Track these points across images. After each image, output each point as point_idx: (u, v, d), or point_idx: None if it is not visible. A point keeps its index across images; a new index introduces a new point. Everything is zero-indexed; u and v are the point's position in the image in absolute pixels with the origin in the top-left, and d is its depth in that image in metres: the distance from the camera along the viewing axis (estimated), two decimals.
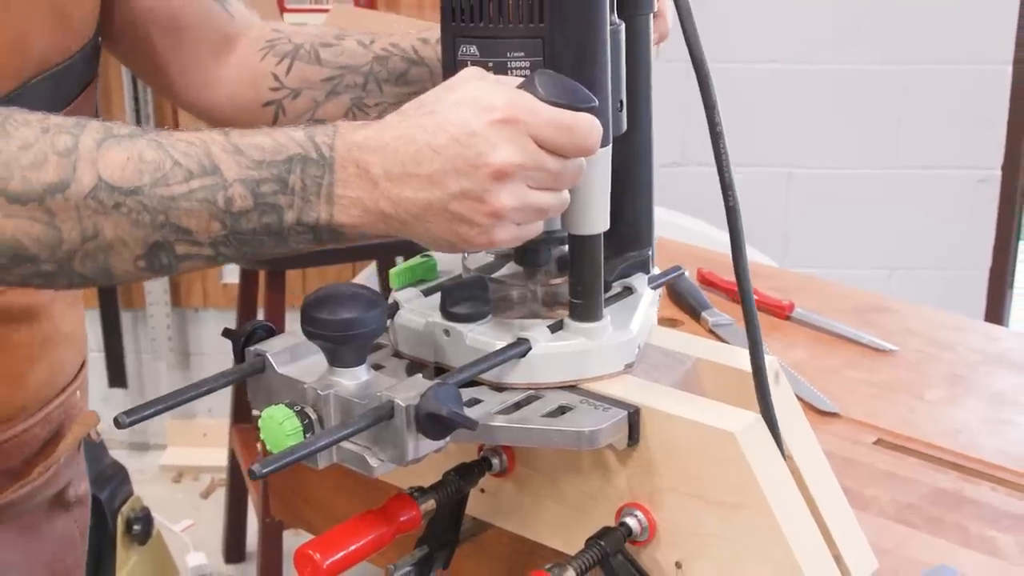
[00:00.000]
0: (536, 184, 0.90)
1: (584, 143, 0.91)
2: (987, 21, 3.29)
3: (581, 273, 1.00)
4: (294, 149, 0.89)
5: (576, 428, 0.94)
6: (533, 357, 0.99)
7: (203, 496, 3.46)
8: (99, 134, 0.89)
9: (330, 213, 0.90)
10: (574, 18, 0.93)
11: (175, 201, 0.88)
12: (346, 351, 0.93)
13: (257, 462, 0.83)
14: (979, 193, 3.42)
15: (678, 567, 0.98)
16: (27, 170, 0.86)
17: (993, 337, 1.74)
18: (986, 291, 3.51)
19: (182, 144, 0.89)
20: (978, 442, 1.44)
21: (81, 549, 1.42)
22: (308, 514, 1.48)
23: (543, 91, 0.90)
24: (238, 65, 1.34)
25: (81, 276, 0.91)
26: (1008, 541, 1.25)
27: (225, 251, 0.91)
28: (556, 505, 1.05)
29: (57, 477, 1.32)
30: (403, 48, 1.32)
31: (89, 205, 0.87)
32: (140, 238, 0.89)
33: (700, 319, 1.74)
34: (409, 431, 0.88)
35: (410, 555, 1.05)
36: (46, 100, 1.14)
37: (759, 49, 3.31)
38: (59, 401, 1.30)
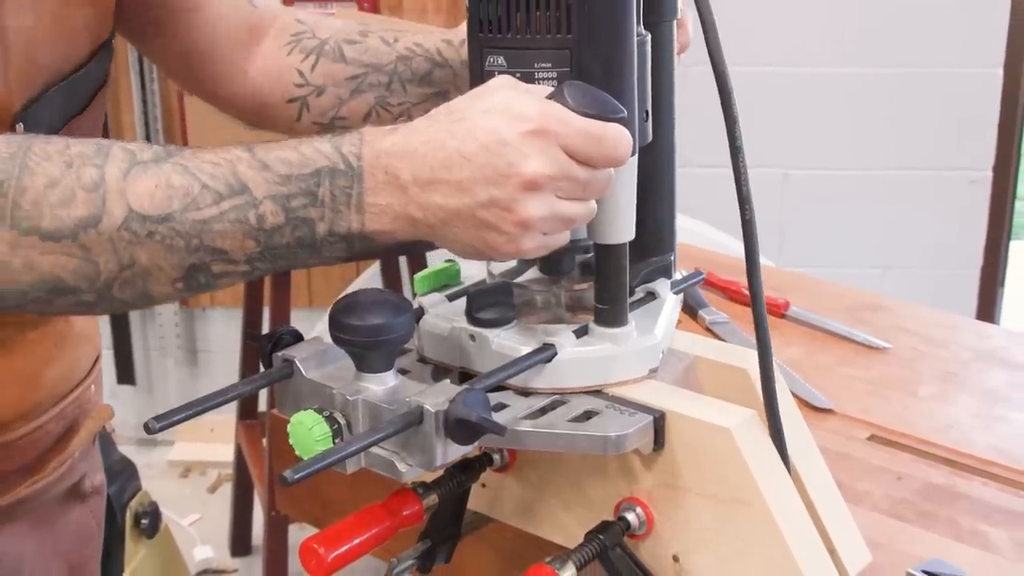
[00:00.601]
0: (565, 195, 0.89)
1: (614, 154, 0.90)
2: (978, 25, 3.29)
3: (607, 281, 1.00)
4: (321, 161, 0.89)
5: (603, 433, 0.94)
6: (559, 362, 0.98)
7: (210, 491, 3.46)
8: (124, 163, 0.88)
9: (361, 222, 0.89)
10: (602, 30, 0.92)
11: (207, 224, 0.87)
12: (374, 356, 0.93)
13: (289, 468, 0.82)
14: (971, 194, 3.42)
15: (675, 561, 0.98)
16: (56, 208, 0.86)
17: (984, 335, 1.74)
18: (977, 290, 3.50)
19: (208, 165, 0.88)
20: (970, 438, 1.44)
21: (98, 539, 1.41)
22: (313, 509, 1.48)
23: (573, 102, 0.89)
24: (263, 58, 1.32)
25: (121, 301, 0.90)
26: (1000, 535, 1.25)
27: (260, 266, 0.90)
28: (556, 499, 1.05)
29: (72, 471, 1.31)
30: (427, 48, 1.31)
31: (123, 236, 0.86)
32: (176, 263, 0.88)
33: (698, 317, 1.74)
34: (438, 436, 0.87)
35: (413, 548, 1.05)
36: (59, 109, 1.14)
37: (755, 52, 3.31)
38: (74, 396, 1.29)
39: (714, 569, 0.97)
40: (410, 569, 1.05)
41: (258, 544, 3.10)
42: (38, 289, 0.88)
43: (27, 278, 0.87)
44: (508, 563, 1.17)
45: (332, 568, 0.94)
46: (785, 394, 1.04)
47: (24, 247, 0.86)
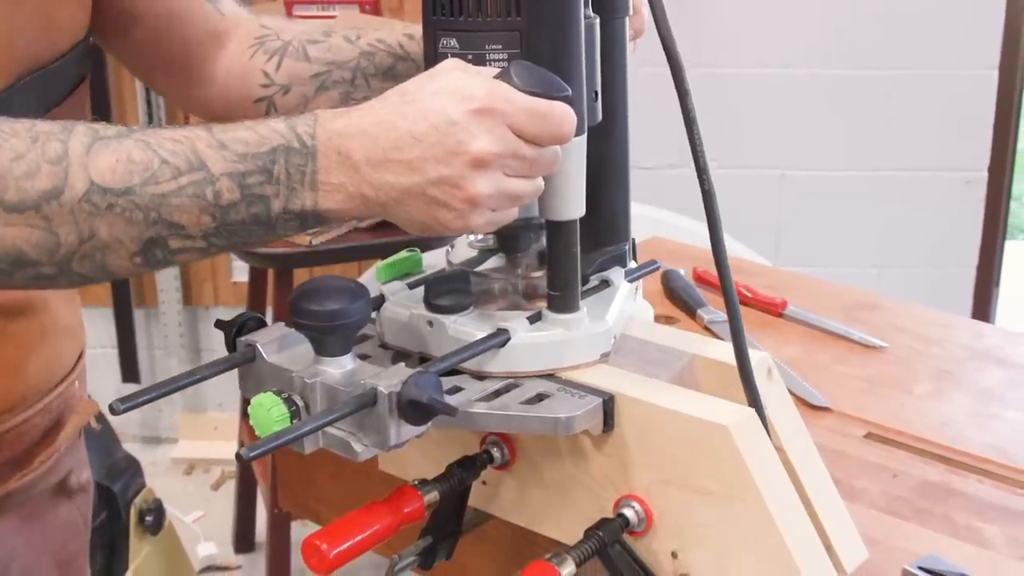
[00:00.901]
0: (512, 172, 0.91)
1: (559, 131, 0.91)
2: (974, 27, 3.29)
3: (558, 259, 1.01)
4: (276, 140, 0.90)
5: (553, 415, 0.95)
6: (512, 347, 1.00)
7: (213, 488, 3.46)
8: (87, 138, 0.89)
9: (315, 200, 0.90)
10: (550, 12, 0.94)
11: (166, 198, 0.88)
12: (332, 340, 0.94)
13: (245, 446, 0.84)
14: (966, 194, 3.42)
15: (674, 557, 0.98)
16: (21, 180, 0.87)
17: (980, 334, 1.74)
18: (973, 289, 3.50)
19: (168, 142, 0.89)
20: (965, 435, 1.44)
21: (85, 536, 1.42)
22: (315, 505, 1.48)
23: (519, 81, 0.91)
24: (228, 62, 1.34)
25: (80, 275, 0.91)
26: (994, 532, 1.25)
27: (217, 242, 0.92)
28: (556, 497, 1.05)
29: (59, 465, 1.32)
30: (389, 43, 1.32)
31: (83, 208, 0.88)
32: (135, 236, 0.89)
33: (696, 316, 1.74)
34: (391, 417, 0.89)
35: (414, 545, 1.05)
36: (36, 99, 1.14)
37: (752, 55, 3.31)
38: (58, 391, 1.29)
39: (712, 565, 0.97)
40: (412, 566, 1.05)
41: (261, 541, 3.10)
42: (1, 261, 0.89)
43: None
44: (508, 560, 1.17)
45: (334, 564, 0.94)
46: (782, 392, 1.04)
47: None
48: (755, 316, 1.75)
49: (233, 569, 3.12)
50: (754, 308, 1.77)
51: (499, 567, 1.19)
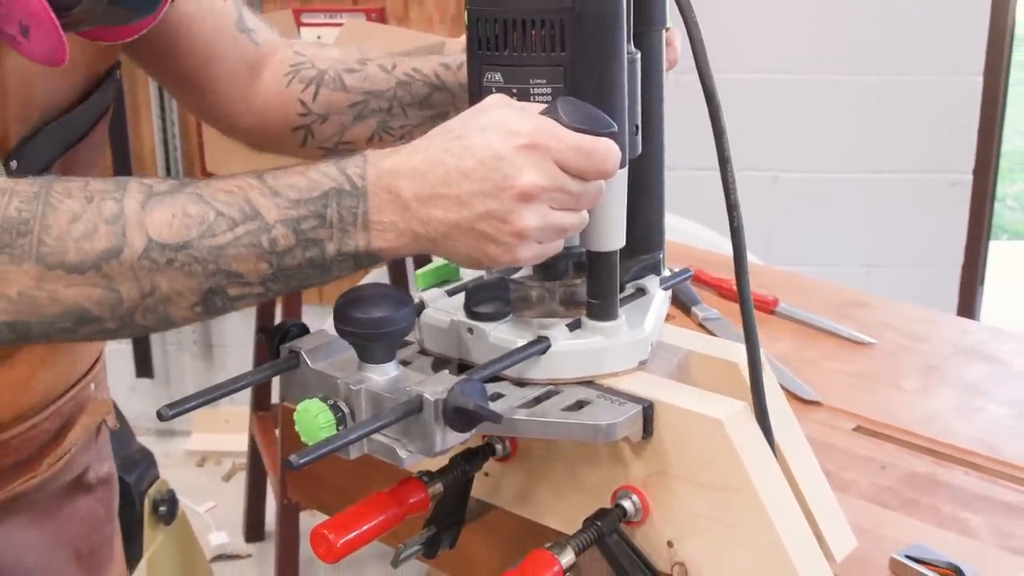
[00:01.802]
0: (558, 205, 0.90)
1: (604, 167, 0.90)
2: (959, 36, 3.29)
3: (599, 285, 1.00)
4: (328, 184, 0.89)
5: (594, 422, 0.94)
6: (552, 354, 0.98)
7: (225, 479, 3.46)
8: (141, 195, 0.88)
9: (368, 240, 0.89)
10: (594, 48, 0.93)
11: (223, 249, 0.87)
12: (377, 348, 0.93)
13: (295, 453, 0.83)
14: (952, 195, 3.42)
15: (670, 546, 0.99)
16: (80, 241, 0.86)
17: (965, 330, 1.74)
18: (958, 287, 3.50)
19: (221, 194, 0.88)
20: (951, 429, 1.44)
21: (108, 527, 1.40)
22: (323, 496, 1.48)
23: (566, 117, 0.89)
24: (265, 92, 1.33)
25: (143, 327, 0.90)
26: (979, 521, 1.25)
27: (274, 287, 0.91)
28: (555, 488, 1.05)
29: (72, 464, 1.30)
30: (425, 73, 1.31)
31: (143, 265, 0.87)
32: (194, 287, 0.88)
33: (690, 314, 1.74)
34: (437, 424, 0.88)
35: (419, 535, 1.05)
36: (58, 140, 1.14)
37: (746, 60, 3.31)
38: (70, 395, 1.28)
39: (707, 554, 0.97)
40: (416, 554, 1.05)
41: (271, 530, 3.11)
42: (64, 320, 0.88)
43: (53, 310, 0.87)
44: (510, 549, 1.17)
45: (341, 553, 0.94)
46: (774, 387, 1.04)
47: (50, 281, 0.86)
48: None
49: (244, 557, 3.12)
50: None
51: (501, 556, 1.19)
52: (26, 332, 0.89)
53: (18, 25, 0.97)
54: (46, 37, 0.97)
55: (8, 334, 0.88)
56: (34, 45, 0.98)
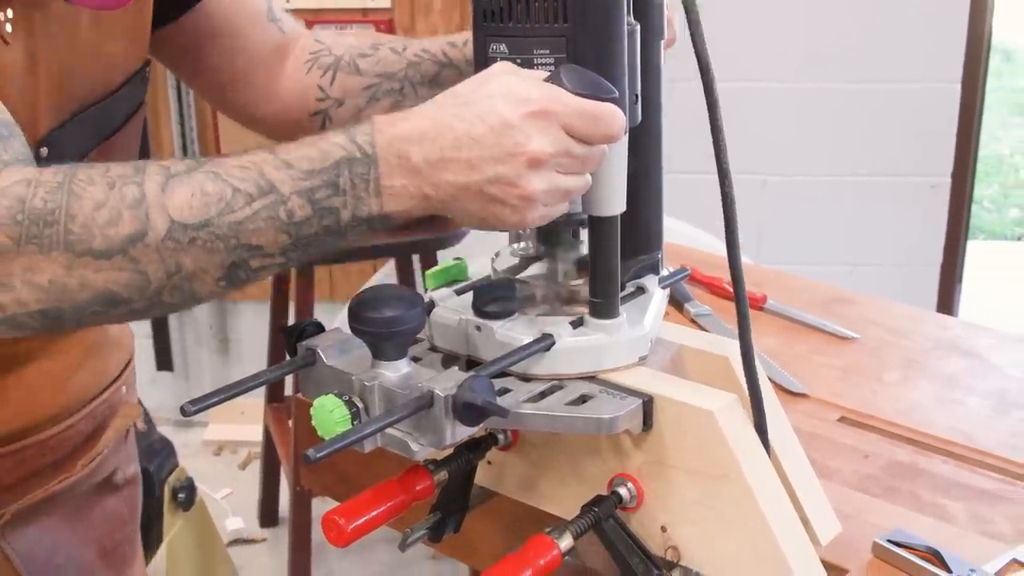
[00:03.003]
0: (564, 169, 0.89)
1: (609, 130, 0.90)
2: (938, 45, 3.29)
3: (600, 256, 0.99)
4: (339, 153, 0.88)
5: (597, 415, 0.94)
6: (557, 350, 0.98)
7: (241, 467, 3.46)
8: (160, 177, 0.87)
9: (380, 204, 0.88)
10: (594, 19, 0.92)
11: (242, 224, 0.86)
12: (389, 346, 0.93)
13: (312, 448, 0.83)
14: (932, 198, 3.42)
15: (663, 531, 0.98)
16: (105, 227, 0.85)
17: (944, 326, 1.74)
18: (938, 285, 3.50)
19: (237, 170, 0.87)
20: (931, 419, 1.44)
21: (131, 526, 1.40)
22: (334, 484, 1.48)
23: (570, 84, 0.89)
24: (287, 79, 1.32)
25: (170, 305, 0.90)
26: (957, 508, 1.25)
27: (293, 256, 0.90)
28: (555, 475, 1.05)
29: (103, 466, 1.30)
30: (433, 52, 1.30)
31: (167, 246, 0.86)
32: (218, 263, 0.87)
33: (683, 310, 1.74)
34: (447, 418, 0.88)
35: (425, 520, 1.05)
36: (90, 131, 1.13)
37: (735, 69, 3.31)
38: (103, 398, 1.28)
39: (698, 538, 0.97)
40: (422, 539, 1.05)
41: (284, 516, 3.11)
42: (94, 304, 0.87)
43: (84, 295, 0.86)
44: (511, 533, 1.17)
45: (351, 538, 0.94)
46: (763, 380, 1.04)
47: (79, 267, 0.85)
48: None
49: (259, 542, 3.13)
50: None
51: (503, 540, 1.19)
52: (59, 318, 0.88)
53: None
54: None
55: (42, 321, 0.88)
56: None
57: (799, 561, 0.93)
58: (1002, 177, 6.63)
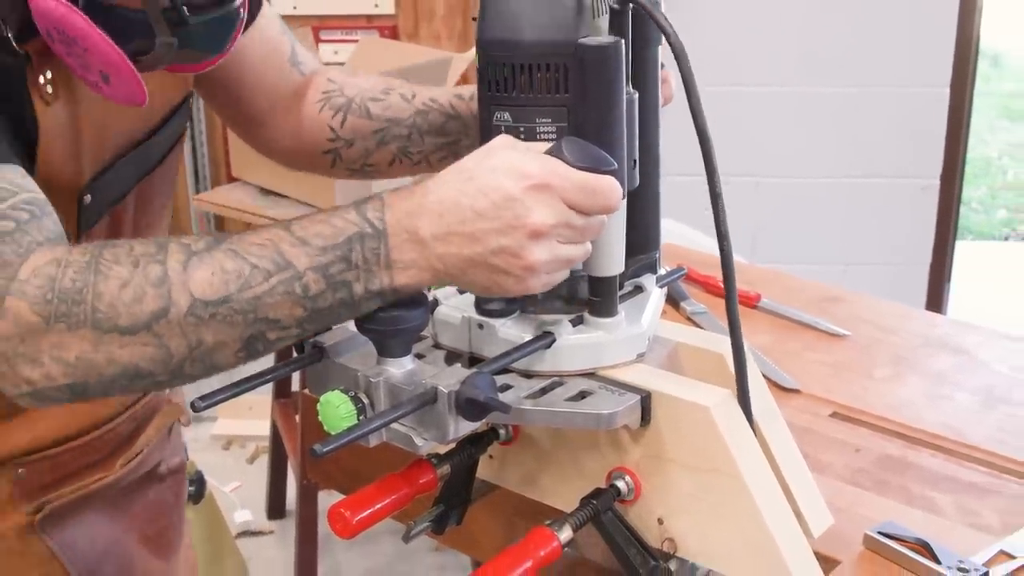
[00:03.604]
0: (564, 240, 0.90)
1: (607, 203, 0.91)
2: (928, 51, 3.29)
3: (601, 304, 1.01)
4: (351, 229, 0.89)
5: (596, 411, 0.94)
6: (557, 348, 0.98)
7: (249, 461, 3.46)
8: (182, 255, 0.88)
9: (391, 277, 0.89)
10: (595, 90, 0.93)
11: (260, 299, 0.88)
12: (394, 343, 0.93)
13: (319, 443, 0.83)
14: (921, 199, 3.42)
15: (660, 523, 0.99)
16: (131, 306, 0.86)
17: (933, 324, 1.74)
18: (927, 284, 3.50)
19: (254, 248, 0.89)
20: (920, 415, 1.43)
21: (176, 513, 1.40)
22: (340, 477, 1.48)
23: (571, 157, 0.90)
24: (302, 116, 1.34)
25: (191, 376, 0.91)
26: (946, 500, 1.25)
27: (308, 327, 0.91)
28: (554, 469, 1.05)
29: (145, 461, 1.31)
30: (441, 103, 1.32)
31: (189, 322, 0.87)
32: (237, 336, 0.89)
33: (679, 308, 1.74)
34: (450, 414, 0.88)
35: (428, 512, 1.05)
36: (132, 170, 1.14)
37: (731, 74, 3.31)
38: (144, 401, 1.29)
39: (694, 530, 0.97)
40: (426, 531, 1.05)
41: (291, 508, 3.11)
42: (120, 378, 0.89)
43: (110, 370, 0.88)
44: (512, 525, 1.17)
45: (357, 529, 0.94)
46: (757, 376, 1.04)
47: (105, 343, 0.87)
48: None
49: (266, 533, 3.12)
50: None
51: (504, 532, 1.19)
52: (84, 391, 0.90)
53: (99, 74, 0.98)
54: (125, 83, 0.98)
55: (69, 394, 0.90)
56: (115, 90, 1.00)
57: (792, 552, 0.93)
58: (990, 179, 6.63)
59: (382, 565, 2.98)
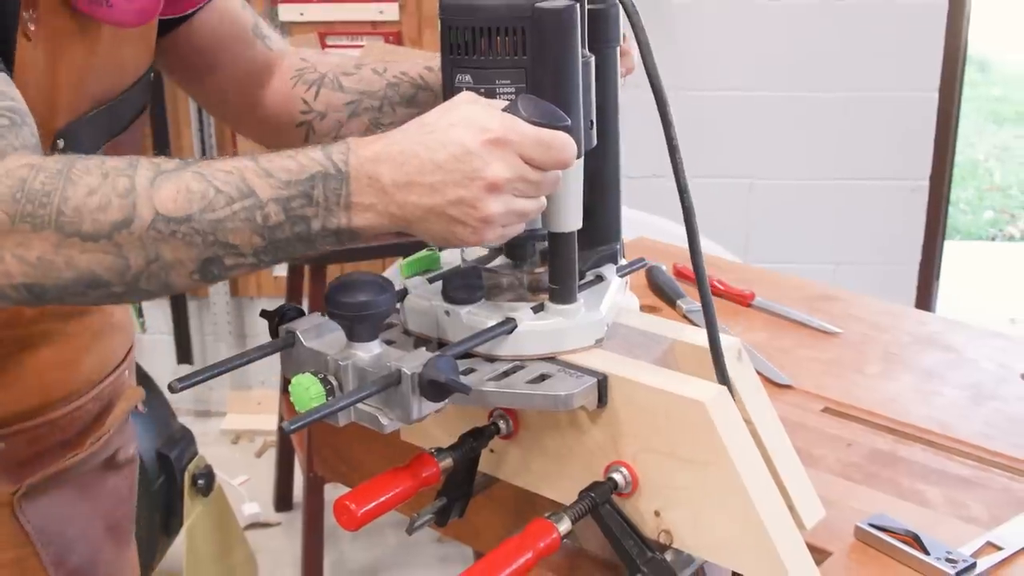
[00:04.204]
0: (520, 193, 0.91)
1: (561, 157, 0.91)
2: (917, 57, 3.29)
3: (558, 263, 1.02)
4: (315, 168, 0.89)
5: (554, 392, 0.95)
6: (519, 333, 1.00)
7: (257, 455, 3.46)
8: (150, 172, 0.89)
9: (349, 218, 0.90)
10: (551, 52, 0.94)
11: (221, 223, 0.88)
12: (361, 328, 0.94)
13: (287, 420, 0.85)
14: (911, 200, 3.42)
15: (657, 515, 0.98)
16: (95, 213, 0.87)
17: (922, 322, 1.74)
18: (916, 283, 3.50)
19: (221, 173, 0.89)
20: (910, 410, 1.44)
21: (130, 503, 1.42)
22: (345, 470, 1.48)
23: (526, 113, 0.91)
24: (274, 92, 1.34)
25: (146, 291, 0.91)
26: (935, 493, 1.25)
27: (264, 258, 0.91)
28: (554, 463, 1.05)
29: (108, 444, 1.32)
30: (411, 76, 1.33)
31: (150, 235, 0.87)
32: (194, 256, 0.89)
33: (676, 306, 1.74)
34: (414, 395, 0.90)
35: (431, 505, 1.05)
36: (102, 129, 1.15)
37: (726, 79, 3.31)
38: (109, 381, 1.30)
39: (690, 522, 0.97)
40: (429, 523, 1.05)
41: (298, 501, 3.11)
42: (77, 283, 0.89)
43: (68, 275, 0.88)
44: (513, 518, 1.17)
45: (362, 521, 0.94)
46: (751, 372, 1.04)
47: (66, 247, 0.87)
48: (727, 306, 1.75)
49: (274, 525, 3.13)
50: (726, 299, 1.77)
51: (505, 524, 1.19)
52: (42, 294, 0.90)
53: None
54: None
55: (26, 294, 0.89)
56: (125, 5, 1.02)
57: (785, 544, 0.93)
58: (977, 181, 6.63)
59: (386, 556, 2.98)
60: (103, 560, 1.34)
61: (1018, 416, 1.42)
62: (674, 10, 3.22)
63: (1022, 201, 6.36)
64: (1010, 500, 1.23)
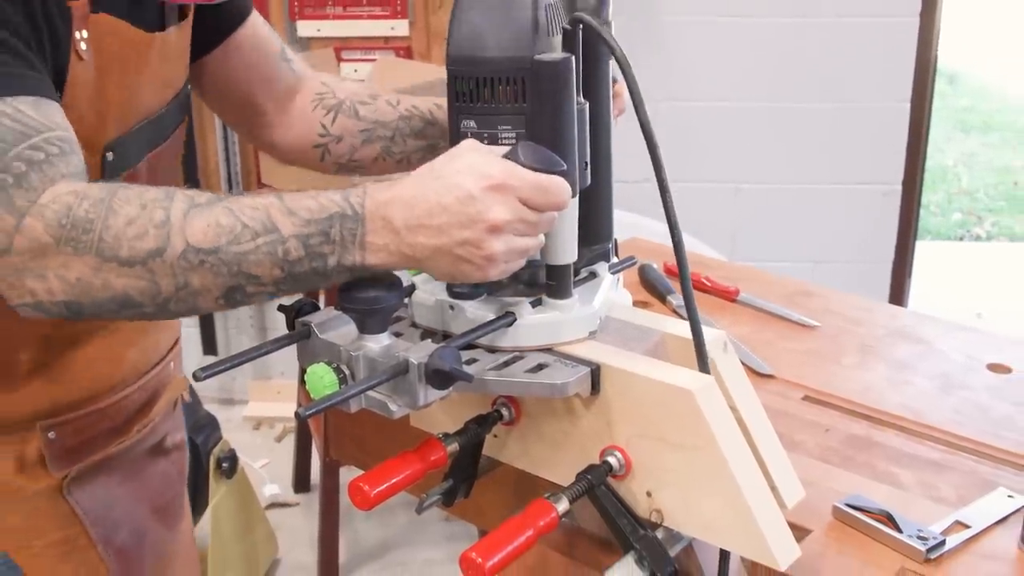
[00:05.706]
0: (519, 233, 0.92)
1: (557, 200, 0.93)
2: (890, 68, 3.28)
3: (557, 287, 1.03)
4: (334, 208, 0.91)
5: (551, 381, 0.96)
6: (518, 326, 1.00)
7: (277, 440, 3.47)
8: (184, 205, 0.91)
9: (363, 256, 0.91)
10: (549, 100, 0.95)
11: (245, 256, 0.90)
12: (372, 321, 0.95)
13: (302, 406, 0.86)
14: (885, 203, 3.41)
15: (649, 496, 0.99)
16: (132, 241, 0.89)
17: (895, 316, 1.74)
18: (890, 280, 3.50)
19: (248, 209, 0.91)
20: (884, 398, 1.43)
21: (180, 485, 1.42)
22: (359, 454, 1.48)
23: (524, 159, 0.92)
24: (296, 114, 1.35)
25: (175, 313, 0.94)
26: (907, 475, 1.25)
27: (283, 288, 0.93)
28: (552, 448, 1.05)
29: (155, 431, 1.32)
30: (422, 110, 1.34)
31: (181, 264, 0.89)
32: (220, 285, 0.91)
33: (666, 302, 1.74)
34: (420, 383, 0.90)
35: (439, 486, 1.05)
36: (145, 140, 1.16)
37: (712, 90, 3.30)
38: (154, 372, 1.30)
39: (680, 502, 0.97)
40: (437, 503, 1.05)
41: (315, 483, 3.11)
42: (111, 303, 0.91)
43: (104, 295, 0.90)
44: (515, 498, 1.17)
45: (374, 502, 0.94)
46: (735, 363, 1.04)
47: (104, 271, 0.89)
48: (714, 301, 1.75)
49: (292, 505, 3.13)
50: (713, 295, 1.77)
51: (507, 504, 1.19)
52: (79, 311, 0.92)
53: None
54: None
55: (65, 311, 0.92)
56: None
57: (768, 522, 0.93)
58: (947, 185, 6.62)
59: (397, 534, 2.98)
60: (150, 540, 1.34)
61: (984, 404, 1.42)
62: (665, 26, 3.21)
63: (988, 204, 6.36)
64: (977, 482, 1.23)
